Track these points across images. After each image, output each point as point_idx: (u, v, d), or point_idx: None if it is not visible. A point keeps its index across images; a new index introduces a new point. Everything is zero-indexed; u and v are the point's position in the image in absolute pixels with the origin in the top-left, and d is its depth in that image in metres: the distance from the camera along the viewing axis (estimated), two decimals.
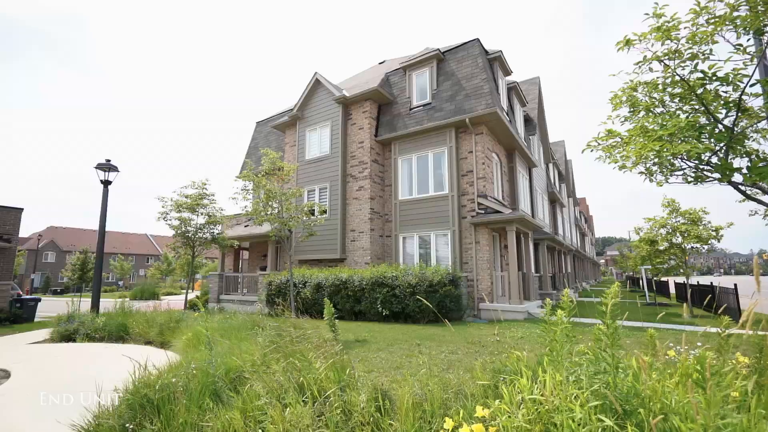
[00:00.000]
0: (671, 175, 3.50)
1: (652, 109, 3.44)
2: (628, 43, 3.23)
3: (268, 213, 7.92)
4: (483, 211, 12.26)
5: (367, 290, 11.16)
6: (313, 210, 9.09)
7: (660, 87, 3.28)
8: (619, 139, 3.48)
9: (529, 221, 12.25)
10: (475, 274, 12.06)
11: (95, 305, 9.64)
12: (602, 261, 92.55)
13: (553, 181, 25.84)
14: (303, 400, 2.63)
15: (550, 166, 25.61)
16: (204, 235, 11.49)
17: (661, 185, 3.52)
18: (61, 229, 60.98)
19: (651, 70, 3.31)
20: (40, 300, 15.93)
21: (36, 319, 15.07)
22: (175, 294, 38.42)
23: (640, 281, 33.73)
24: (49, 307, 23.81)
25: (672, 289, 20.05)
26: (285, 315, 8.67)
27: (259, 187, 7.71)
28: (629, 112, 3.63)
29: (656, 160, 3.36)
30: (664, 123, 3.02)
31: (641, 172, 3.68)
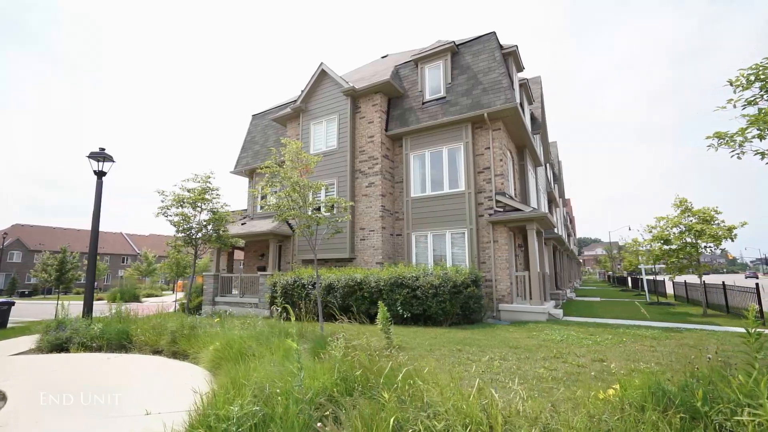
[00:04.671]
0: None
1: None
2: None
3: (293, 208, 7.20)
4: (501, 210, 11.87)
5: (385, 291, 10.54)
6: (334, 206, 8.41)
7: None
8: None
9: (548, 220, 11.95)
10: (494, 274, 11.65)
11: (89, 310, 8.62)
12: (581, 261, 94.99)
13: (549, 181, 25.93)
14: None
15: (547, 166, 25.68)
16: (209, 233, 10.57)
17: None
18: (29, 227, 57.30)
19: None
20: (13, 303, 14.50)
21: (9, 325, 13.69)
22: (157, 296, 36.50)
23: (628, 281, 34.48)
24: (20, 310, 21.99)
25: (669, 289, 20.32)
26: (304, 320, 7.97)
27: (285, 179, 6.97)
28: (765, 91, 3.22)
29: None
30: None
31: None
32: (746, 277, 67.12)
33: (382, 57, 20.24)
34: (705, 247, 12.36)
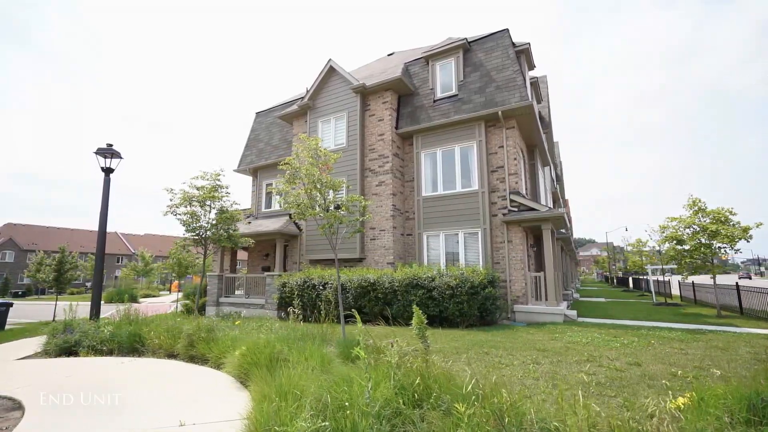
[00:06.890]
0: None
1: None
2: None
3: (314, 206, 6.95)
4: (516, 209, 11.69)
5: (400, 292, 10.32)
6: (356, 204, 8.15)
7: None
8: None
9: (563, 220, 11.79)
10: (508, 275, 11.47)
11: (97, 312, 8.30)
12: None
13: (553, 180, 25.85)
14: None
15: (551, 166, 25.59)
16: (219, 232, 10.26)
17: None
18: (21, 227, 56.28)
19: None
20: (11, 305, 14.11)
21: (6, 327, 13.29)
22: (154, 296, 35.98)
23: (629, 281, 34.53)
24: (16, 311, 21.42)
25: (675, 290, 20.28)
26: (320, 322, 7.72)
27: (307, 176, 6.72)
28: None
29: None
30: None
31: None
32: (740, 278, 67.78)
33: (388, 55, 20.00)
34: (720, 248, 12.26)
